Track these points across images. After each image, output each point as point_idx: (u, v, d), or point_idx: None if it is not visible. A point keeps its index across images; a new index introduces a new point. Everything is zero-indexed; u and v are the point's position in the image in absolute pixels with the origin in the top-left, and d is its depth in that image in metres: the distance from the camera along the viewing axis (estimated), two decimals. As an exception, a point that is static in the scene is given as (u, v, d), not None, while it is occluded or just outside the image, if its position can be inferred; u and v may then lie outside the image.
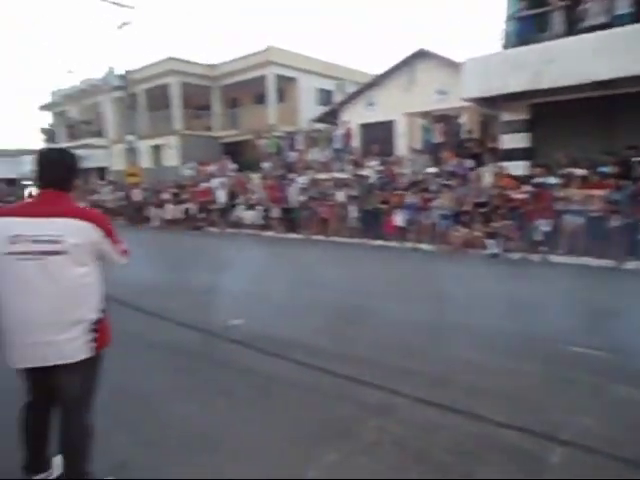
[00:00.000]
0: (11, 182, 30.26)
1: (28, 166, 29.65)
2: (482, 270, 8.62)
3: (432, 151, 14.17)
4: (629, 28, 9.21)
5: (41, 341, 2.10)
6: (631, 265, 8.28)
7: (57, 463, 2.43)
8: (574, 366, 3.87)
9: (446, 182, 11.16)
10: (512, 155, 11.93)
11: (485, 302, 6.05)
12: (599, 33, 9.62)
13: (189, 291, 6.96)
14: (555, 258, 9.08)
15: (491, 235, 9.66)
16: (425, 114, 14.59)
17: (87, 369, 2.25)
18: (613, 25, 9.57)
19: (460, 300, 6.18)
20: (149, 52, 78.13)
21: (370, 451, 2.70)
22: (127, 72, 21.14)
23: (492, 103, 12.33)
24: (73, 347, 2.16)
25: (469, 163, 12.59)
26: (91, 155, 27.21)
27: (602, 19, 9.78)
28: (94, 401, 2.40)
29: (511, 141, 12.11)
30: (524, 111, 11.83)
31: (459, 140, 13.80)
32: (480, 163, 13.05)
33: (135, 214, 18.18)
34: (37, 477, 2.39)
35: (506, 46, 11.69)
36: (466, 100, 12.25)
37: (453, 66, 14.79)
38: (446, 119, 14.54)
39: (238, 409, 3.26)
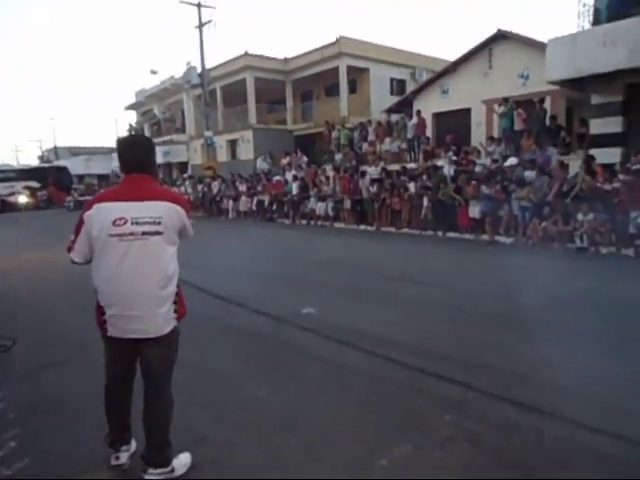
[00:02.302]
0: (102, 177, 32.86)
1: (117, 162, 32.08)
2: (565, 265, 8.05)
3: (512, 139, 13.42)
4: None
5: (141, 315, 2.25)
6: None
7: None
8: (676, 370, 3.50)
9: (527, 172, 10.51)
10: (603, 141, 11.02)
11: (569, 298, 5.65)
12: None
13: (263, 279, 7.14)
14: (652, 253, 8.27)
15: (577, 228, 8.98)
16: (505, 100, 13.82)
17: (172, 341, 2.41)
18: None
19: (540, 295, 5.84)
20: (225, 49, 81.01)
21: (445, 446, 2.61)
22: (205, 70, 22.02)
23: (580, 85, 11.45)
24: (165, 320, 2.31)
25: (552, 151, 11.78)
26: (174, 150, 28.83)
27: None
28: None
29: (602, 126, 11.20)
30: (618, 92, 10.86)
31: (542, 127, 12.94)
32: (566, 151, 12.17)
33: (212, 206, 19.00)
34: (121, 450, 2.54)
35: (595, 22, 10.78)
36: (551, 83, 11.47)
37: (536, 47, 13.91)
38: (528, 105, 13.68)
39: (310, 394, 3.29)
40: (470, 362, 3.75)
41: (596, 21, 10.86)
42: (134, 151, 2.41)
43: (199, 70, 21.94)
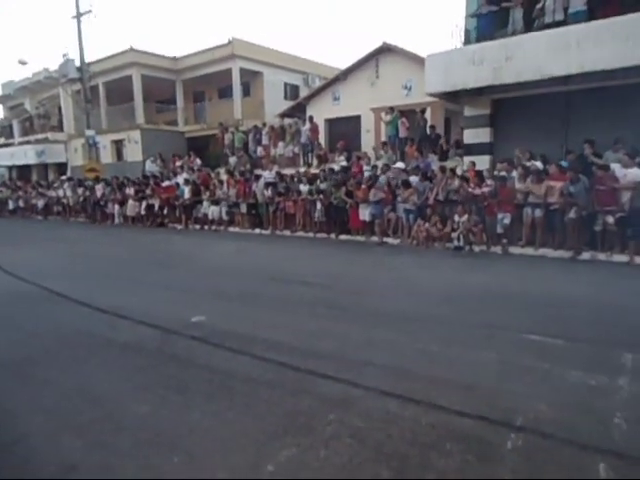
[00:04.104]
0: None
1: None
2: (444, 263, 8.77)
3: (398, 146, 14.29)
4: (582, 26, 9.52)
5: None
6: (586, 256, 8.59)
7: None
8: (530, 354, 3.96)
9: (411, 177, 11.25)
10: (475, 149, 12.18)
11: (446, 294, 6.15)
12: (555, 30, 9.91)
13: (151, 288, 6.78)
14: (515, 250, 9.32)
15: (454, 229, 9.82)
16: (390, 109, 14.68)
17: None
18: (568, 23, 9.87)
19: (421, 292, 6.28)
20: (110, 44, 75.78)
21: (329, 445, 2.68)
22: (85, 63, 20.39)
23: (455, 98, 12.55)
24: None
25: (433, 158, 12.76)
26: (50, 150, 26.28)
27: (558, 17, 10.06)
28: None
29: (474, 136, 12.36)
30: (486, 106, 12.08)
31: (423, 135, 13.96)
32: (444, 158, 13.26)
33: (96, 211, 17.64)
34: None
35: (466, 42, 11.90)
36: (429, 95, 12.40)
37: (418, 61, 14.95)
38: (411, 114, 14.68)
39: (195, 406, 3.18)
40: (356, 360, 3.90)
41: (466, 41, 11.97)
42: None
43: (78, 63, 20.26)
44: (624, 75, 9.42)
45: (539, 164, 9.83)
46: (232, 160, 17.33)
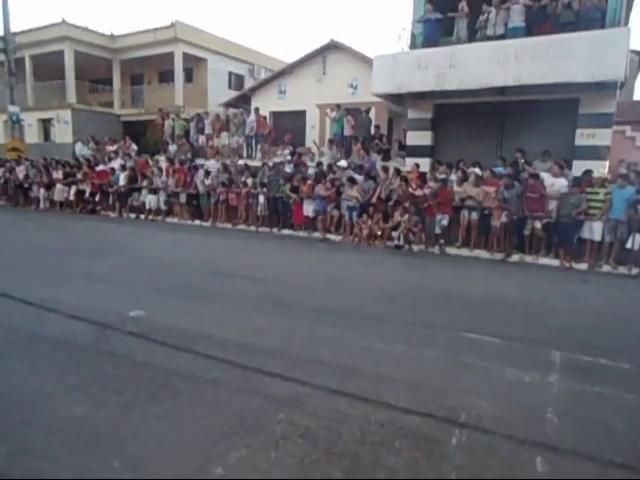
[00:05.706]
0: None
1: None
2: (385, 260, 8.96)
3: (342, 143, 14.38)
4: (521, 41, 10.06)
5: None
6: (515, 258, 9.12)
7: None
8: (469, 351, 4.13)
9: (355, 175, 11.38)
10: (416, 151, 12.53)
11: (388, 291, 6.28)
12: (495, 42, 10.39)
13: (83, 279, 6.36)
14: (451, 250, 9.71)
15: (395, 228, 10.06)
16: (337, 106, 14.76)
17: None
18: (507, 37, 10.39)
19: (364, 289, 6.37)
20: (42, 15, 70.30)
21: (279, 445, 2.64)
22: (10, 33, 18.74)
23: (399, 100, 12.83)
24: None
25: (376, 158, 12.98)
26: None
27: (499, 30, 10.56)
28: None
29: (416, 138, 12.71)
30: (428, 110, 12.45)
31: (367, 134, 14.16)
32: (387, 158, 13.53)
33: (18, 194, 16.32)
34: None
35: (412, 46, 12.20)
36: (375, 95, 12.59)
37: (364, 60, 15.15)
38: (356, 112, 14.83)
39: (136, 407, 3.01)
40: (302, 357, 3.87)
41: (413, 45, 12.28)
42: None
43: (1, 32, 18.58)
44: (554, 90, 10.07)
45: (478, 170, 10.28)
46: (172, 148, 16.65)
